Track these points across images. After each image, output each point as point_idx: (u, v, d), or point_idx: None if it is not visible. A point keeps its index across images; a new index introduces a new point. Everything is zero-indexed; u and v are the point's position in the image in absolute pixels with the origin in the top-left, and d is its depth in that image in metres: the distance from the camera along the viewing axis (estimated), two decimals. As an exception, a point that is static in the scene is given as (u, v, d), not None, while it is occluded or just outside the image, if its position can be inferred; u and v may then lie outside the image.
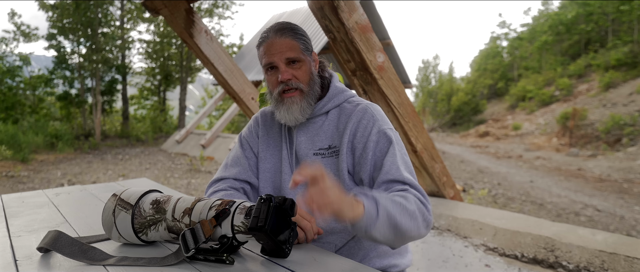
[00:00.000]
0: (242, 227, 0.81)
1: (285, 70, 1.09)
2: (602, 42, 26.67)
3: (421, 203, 0.96)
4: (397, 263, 1.18)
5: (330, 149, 1.12)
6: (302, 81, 1.10)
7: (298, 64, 1.10)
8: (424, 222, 0.95)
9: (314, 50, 1.17)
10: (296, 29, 1.11)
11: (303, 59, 1.10)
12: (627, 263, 1.79)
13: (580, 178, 8.72)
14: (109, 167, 9.20)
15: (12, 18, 16.29)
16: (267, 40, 1.10)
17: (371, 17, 11.13)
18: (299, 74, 1.10)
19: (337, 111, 1.15)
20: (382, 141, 1.05)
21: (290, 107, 1.10)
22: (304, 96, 1.10)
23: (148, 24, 18.60)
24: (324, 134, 1.14)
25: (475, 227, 2.39)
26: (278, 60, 1.09)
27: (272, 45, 1.09)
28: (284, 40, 1.09)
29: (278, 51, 1.08)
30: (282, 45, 1.08)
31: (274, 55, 1.09)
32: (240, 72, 3.14)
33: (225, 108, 19.64)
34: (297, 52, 1.09)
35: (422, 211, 0.95)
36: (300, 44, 1.10)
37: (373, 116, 1.08)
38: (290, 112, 1.10)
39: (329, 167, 1.11)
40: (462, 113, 31.87)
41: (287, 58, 1.08)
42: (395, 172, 1.00)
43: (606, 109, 17.35)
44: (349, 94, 1.18)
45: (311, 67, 1.14)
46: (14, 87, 16.31)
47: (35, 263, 0.88)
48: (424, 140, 2.46)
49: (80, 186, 1.80)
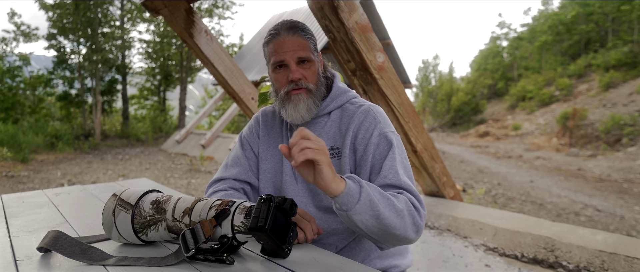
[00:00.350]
0: (242, 227, 0.81)
1: (296, 69, 1.07)
2: (602, 42, 26.68)
3: (413, 206, 0.95)
4: (398, 264, 1.18)
5: (332, 150, 1.11)
6: (310, 81, 1.09)
7: (308, 63, 1.09)
8: (413, 226, 0.93)
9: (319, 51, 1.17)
10: (306, 29, 1.10)
11: (313, 59, 1.10)
12: (627, 263, 1.79)
13: (580, 178, 8.72)
14: (109, 167, 9.20)
15: (11, 18, 16.29)
16: (277, 37, 1.08)
17: (371, 17, 11.13)
18: (308, 74, 1.09)
19: (339, 112, 1.15)
20: (383, 143, 1.04)
21: (297, 104, 1.08)
22: (311, 95, 1.10)
23: (148, 24, 18.61)
24: (326, 135, 1.13)
25: (475, 227, 2.39)
26: (289, 59, 1.07)
27: (283, 43, 1.07)
28: (296, 39, 1.07)
29: (290, 49, 1.07)
30: (294, 44, 1.07)
31: (285, 53, 1.07)
32: (240, 72, 3.14)
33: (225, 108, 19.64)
34: (308, 51, 1.08)
35: (412, 213, 0.93)
36: (311, 43, 1.10)
37: (375, 118, 1.08)
38: (297, 110, 1.09)
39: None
40: (462, 113, 31.87)
41: (298, 57, 1.07)
42: (394, 177, 0.99)
43: (606, 109, 17.35)
44: (352, 94, 1.18)
45: (318, 67, 1.13)
46: (14, 87, 16.32)
47: (35, 263, 0.87)
48: (424, 140, 2.46)
49: (80, 186, 1.80)
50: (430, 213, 2.64)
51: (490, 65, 36.84)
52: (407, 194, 0.97)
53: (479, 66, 39.47)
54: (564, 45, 30.00)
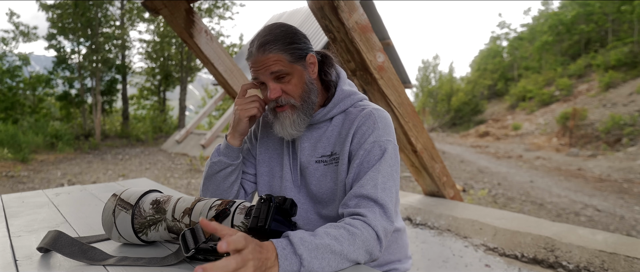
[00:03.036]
0: (242, 227, 0.82)
1: (273, 87, 1.02)
2: (602, 42, 26.68)
3: (371, 231, 0.88)
4: (397, 267, 1.18)
5: (331, 156, 1.07)
6: (293, 95, 1.03)
7: (287, 77, 1.02)
8: (369, 255, 0.87)
9: (310, 52, 1.07)
10: (279, 40, 1.00)
11: (291, 71, 1.02)
12: (627, 263, 1.79)
13: (580, 178, 8.72)
14: (109, 167, 9.20)
15: (10, 18, 16.29)
16: (251, 56, 1.03)
17: (371, 17, 11.13)
18: (288, 88, 1.02)
19: (342, 117, 1.09)
20: (375, 151, 0.99)
21: (283, 122, 1.05)
22: (295, 110, 1.04)
23: (148, 24, 18.61)
24: (326, 140, 1.09)
25: (475, 227, 2.39)
26: (264, 78, 1.02)
27: (255, 62, 1.02)
28: (267, 57, 1.00)
29: (262, 67, 1.01)
30: (266, 61, 1.00)
31: (258, 71, 1.02)
32: (240, 72, 3.14)
33: (225, 108, 19.63)
34: (283, 65, 1.00)
35: (368, 240, 0.86)
36: (287, 55, 1.01)
37: (375, 123, 1.02)
38: (284, 128, 1.05)
39: (330, 175, 1.07)
40: (462, 113, 31.87)
41: (272, 73, 1.01)
42: (370, 189, 0.93)
43: (606, 109, 17.35)
44: (356, 98, 1.11)
45: (304, 75, 1.04)
46: (14, 87, 16.31)
47: (35, 263, 0.87)
48: (424, 140, 2.46)
49: (80, 186, 1.80)
50: (430, 213, 2.64)
51: (490, 65, 36.84)
52: (375, 214, 0.91)
53: (479, 66, 39.47)
54: (564, 45, 30.00)
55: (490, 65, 36.85)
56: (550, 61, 29.85)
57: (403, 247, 1.22)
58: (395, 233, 1.18)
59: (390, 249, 1.17)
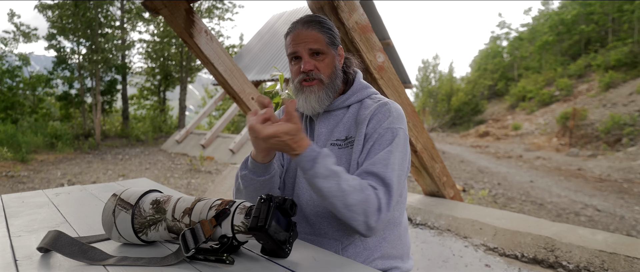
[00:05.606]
0: (242, 227, 0.81)
1: (308, 60, 1.10)
2: (602, 42, 26.68)
3: (377, 199, 0.96)
4: (399, 266, 1.18)
5: (346, 140, 1.13)
6: (323, 73, 1.12)
7: (321, 56, 1.12)
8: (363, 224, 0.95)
9: (340, 45, 1.18)
10: (323, 22, 1.13)
11: (327, 51, 1.12)
12: (627, 263, 1.79)
13: (580, 178, 8.72)
14: (109, 167, 9.20)
15: (11, 18, 16.29)
16: (294, 30, 1.12)
17: (371, 17, 11.12)
18: (321, 65, 1.12)
19: (358, 105, 1.17)
20: (387, 136, 1.06)
21: (308, 96, 1.12)
22: (323, 87, 1.12)
23: (148, 24, 18.61)
24: (343, 125, 1.15)
25: (475, 227, 2.39)
26: (302, 51, 1.11)
27: (298, 35, 1.11)
28: (310, 32, 1.11)
29: (302, 41, 1.10)
30: (307, 37, 1.10)
31: (298, 45, 1.11)
32: (240, 72, 3.13)
33: (225, 108, 19.65)
34: (321, 44, 1.11)
35: (371, 202, 0.95)
36: (326, 37, 1.12)
37: (389, 111, 1.09)
38: (308, 101, 1.12)
39: (344, 157, 1.12)
40: (462, 113, 31.88)
41: (310, 49, 1.10)
42: (381, 167, 1.00)
43: (606, 109, 17.36)
44: (372, 91, 1.20)
45: (335, 61, 1.15)
46: (14, 87, 16.31)
47: (35, 263, 0.87)
48: (424, 140, 2.46)
49: (80, 186, 1.80)
50: (430, 213, 2.64)
51: (490, 65, 36.85)
52: (380, 191, 0.98)
53: (479, 66, 39.48)
54: (564, 45, 30.01)
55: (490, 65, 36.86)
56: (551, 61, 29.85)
57: (405, 245, 1.22)
58: (398, 229, 1.19)
59: (394, 243, 1.17)
